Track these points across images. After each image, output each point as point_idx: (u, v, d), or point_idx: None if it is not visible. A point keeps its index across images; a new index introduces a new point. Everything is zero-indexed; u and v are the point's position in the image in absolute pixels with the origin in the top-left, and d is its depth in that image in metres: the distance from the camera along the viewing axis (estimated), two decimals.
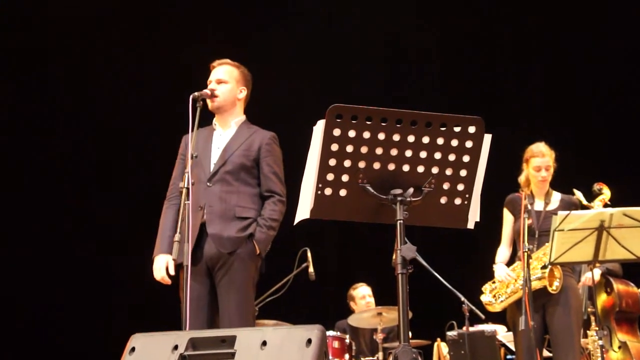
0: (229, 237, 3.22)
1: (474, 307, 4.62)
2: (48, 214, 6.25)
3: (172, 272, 3.18)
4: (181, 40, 6.33)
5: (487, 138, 2.37)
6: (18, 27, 6.23)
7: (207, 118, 3.40)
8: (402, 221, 2.28)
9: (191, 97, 3.20)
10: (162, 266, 3.21)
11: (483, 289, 4.28)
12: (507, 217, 4.24)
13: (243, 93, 3.47)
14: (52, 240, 6.22)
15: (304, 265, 4.84)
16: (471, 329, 4.95)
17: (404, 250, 2.25)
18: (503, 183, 4.29)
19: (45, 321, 6.17)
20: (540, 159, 4.13)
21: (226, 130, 3.44)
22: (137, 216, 6.04)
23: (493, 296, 4.22)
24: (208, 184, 3.30)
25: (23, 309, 6.16)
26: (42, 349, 6.21)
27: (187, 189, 3.01)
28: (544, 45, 6.51)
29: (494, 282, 4.24)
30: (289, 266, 4.87)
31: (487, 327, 5.01)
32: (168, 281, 3.21)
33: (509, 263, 4.22)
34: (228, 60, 3.48)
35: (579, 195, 4.19)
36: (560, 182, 4.23)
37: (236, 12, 6.54)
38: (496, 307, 4.23)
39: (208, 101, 3.36)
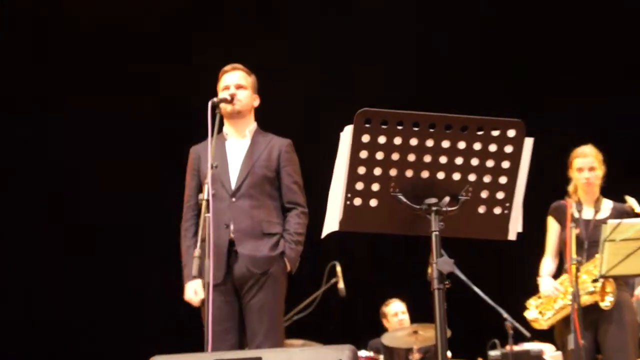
0: (262, 257, 3.23)
1: (517, 325, 4.57)
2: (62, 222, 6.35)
3: (201, 295, 3.17)
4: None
5: (529, 142, 2.34)
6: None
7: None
8: (437, 233, 2.27)
9: (210, 102, 3.20)
10: (198, 289, 3.19)
11: (527, 304, 4.24)
12: (552, 226, 4.19)
13: (257, 101, 3.51)
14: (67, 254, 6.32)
15: (333, 280, 4.84)
16: (515, 348, 4.89)
17: (441, 264, 2.23)
18: (548, 190, 4.25)
19: (64, 342, 6.25)
20: (582, 159, 4.08)
21: (241, 139, 3.44)
22: (158, 230, 6.11)
23: (539, 312, 4.17)
24: (232, 199, 3.28)
25: (40, 330, 6.24)
26: None
27: (207, 201, 3.00)
28: (591, 43, 6.44)
29: (539, 297, 4.19)
30: (317, 282, 4.88)
31: (533, 346, 4.95)
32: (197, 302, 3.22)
33: (556, 276, 4.17)
34: (241, 66, 3.50)
35: (631, 202, 4.12)
36: (611, 190, 4.17)
37: (251, 12, 6.58)
38: (542, 324, 4.18)
39: (226, 106, 3.35)
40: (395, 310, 5.83)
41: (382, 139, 2.28)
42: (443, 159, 2.31)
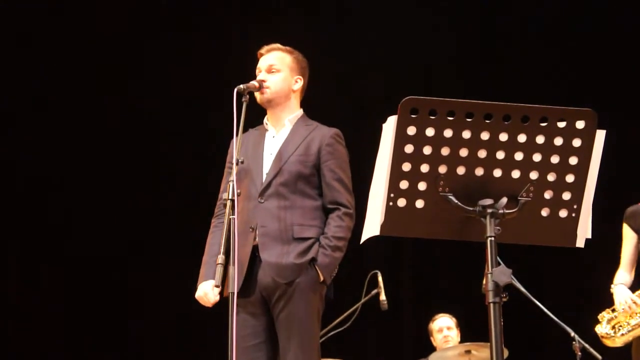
0: (287, 265, 3.20)
1: (587, 345, 4.51)
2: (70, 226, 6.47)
3: (213, 298, 3.22)
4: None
5: (601, 135, 2.33)
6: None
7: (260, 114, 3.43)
8: (493, 238, 2.27)
9: (235, 90, 3.21)
10: (207, 290, 3.23)
11: (599, 317, 4.21)
12: (628, 234, 4.15)
13: (299, 83, 3.45)
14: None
15: (374, 291, 4.84)
16: None
17: (497, 274, 2.23)
18: (624, 190, 4.20)
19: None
20: None
21: (280, 130, 3.42)
22: (180, 228, 6.19)
23: (612, 327, 4.13)
24: (260, 199, 3.28)
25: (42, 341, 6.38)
26: None
27: (232, 200, 3.00)
28: None
29: (613, 310, 4.16)
30: (356, 293, 4.89)
31: None
32: (209, 303, 3.26)
33: (632, 291, 4.12)
34: (278, 45, 3.46)
35: None
36: None
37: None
38: (616, 342, 4.14)
39: (257, 94, 3.36)
40: (440, 326, 5.80)
41: (430, 132, 2.28)
42: (500, 154, 2.30)
